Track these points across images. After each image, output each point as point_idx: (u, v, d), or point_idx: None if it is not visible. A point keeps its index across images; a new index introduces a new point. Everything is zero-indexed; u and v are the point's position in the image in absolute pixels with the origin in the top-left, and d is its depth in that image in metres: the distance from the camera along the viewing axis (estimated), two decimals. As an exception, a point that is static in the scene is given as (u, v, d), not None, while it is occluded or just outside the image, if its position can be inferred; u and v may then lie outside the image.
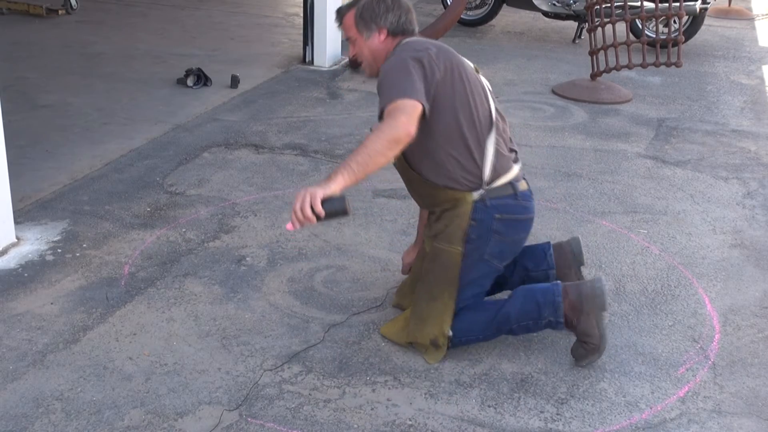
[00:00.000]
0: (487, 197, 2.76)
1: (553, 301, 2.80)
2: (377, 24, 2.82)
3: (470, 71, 2.82)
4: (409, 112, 2.54)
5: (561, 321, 2.80)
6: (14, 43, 7.18)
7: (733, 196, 4.42)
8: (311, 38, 6.81)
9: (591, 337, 2.80)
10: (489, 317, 2.84)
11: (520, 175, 2.88)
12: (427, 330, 2.82)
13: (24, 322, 3.00)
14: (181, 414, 2.54)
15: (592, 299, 2.78)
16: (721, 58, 7.66)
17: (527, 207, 2.86)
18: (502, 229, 2.80)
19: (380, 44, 2.84)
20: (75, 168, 4.46)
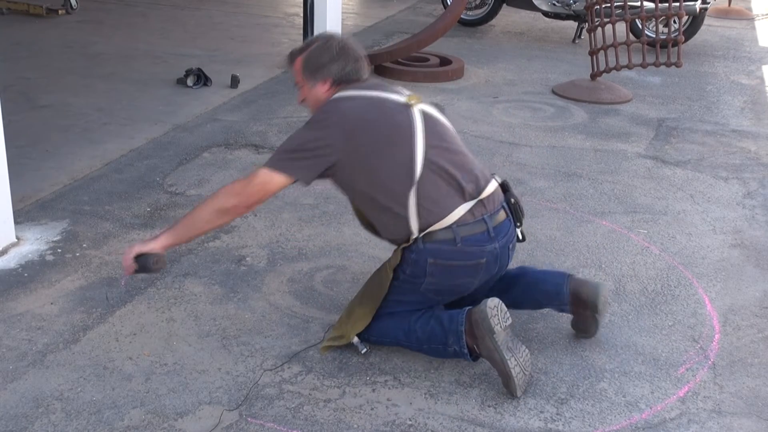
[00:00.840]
0: (420, 240, 2.68)
1: (456, 330, 2.69)
2: (322, 74, 2.80)
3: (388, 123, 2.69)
4: (254, 185, 2.66)
5: (465, 350, 2.69)
6: (14, 43, 7.19)
7: (733, 196, 4.42)
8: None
9: (495, 363, 2.65)
10: (399, 327, 2.80)
11: (473, 216, 2.69)
12: (347, 326, 2.83)
13: (24, 322, 3.00)
14: (181, 414, 2.54)
15: (479, 323, 2.64)
16: (721, 58, 7.66)
17: (470, 253, 2.68)
18: (436, 272, 2.70)
19: (324, 94, 2.81)
20: (75, 168, 4.46)
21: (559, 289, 2.91)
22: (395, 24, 8.79)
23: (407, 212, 2.67)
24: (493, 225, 2.72)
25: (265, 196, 2.71)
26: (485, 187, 2.76)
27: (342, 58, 2.79)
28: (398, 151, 2.67)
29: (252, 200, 2.69)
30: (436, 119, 2.83)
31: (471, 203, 2.70)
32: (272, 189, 2.68)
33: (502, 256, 2.77)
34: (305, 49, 2.85)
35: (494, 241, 2.72)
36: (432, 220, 2.66)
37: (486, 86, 6.40)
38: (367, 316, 2.81)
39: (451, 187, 2.70)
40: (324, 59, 2.79)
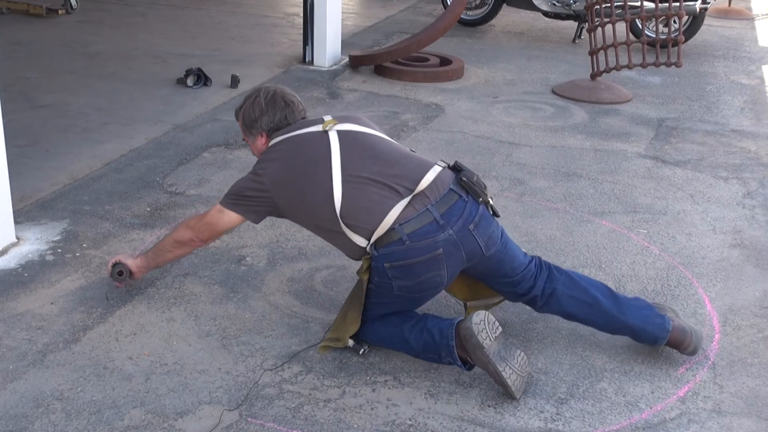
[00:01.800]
0: (373, 248, 2.70)
1: (448, 344, 2.68)
2: (256, 129, 2.99)
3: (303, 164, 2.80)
4: (206, 221, 2.95)
5: (458, 363, 2.68)
6: (14, 43, 7.18)
7: (733, 196, 4.42)
8: (311, 38, 6.81)
9: (490, 373, 2.65)
10: (392, 334, 2.81)
11: (415, 210, 2.67)
12: (342, 329, 2.85)
13: (24, 322, 3.00)
14: (181, 414, 2.54)
15: (467, 339, 2.62)
16: (721, 58, 7.66)
17: (422, 247, 2.65)
18: (398, 274, 2.70)
19: (262, 145, 3.00)
20: (75, 168, 4.46)
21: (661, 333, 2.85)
22: (395, 24, 8.79)
23: (345, 230, 2.74)
24: (441, 212, 2.68)
25: (217, 232, 3.00)
26: (422, 178, 2.74)
27: (270, 109, 2.96)
28: (316, 180, 2.78)
29: (205, 235, 2.98)
30: (355, 133, 2.87)
31: (407, 198, 2.69)
32: (223, 226, 2.96)
33: (464, 239, 2.70)
34: (241, 107, 3.07)
35: (446, 228, 2.67)
36: (371, 227, 2.68)
37: (486, 86, 6.40)
38: (356, 319, 2.82)
39: (382, 191, 2.71)
40: (255, 114, 2.98)
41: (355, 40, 7.86)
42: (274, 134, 2.95)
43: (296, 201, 2.81)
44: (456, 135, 5.23)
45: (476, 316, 2.63)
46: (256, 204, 2.87)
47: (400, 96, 6.04)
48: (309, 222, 2.88)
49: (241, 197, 2.88)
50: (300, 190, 2.79)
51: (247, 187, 2.88)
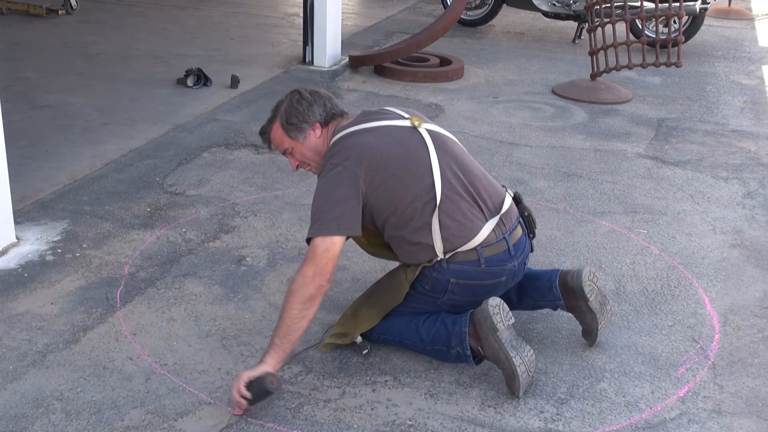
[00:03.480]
0: (444, 261, 2.67)
1: (460, 332, 2.68)
2: (307, 123, 2.79)
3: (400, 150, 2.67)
4: (319, 258, 2.55)
5: (468, 353, 2.67)
6: (14, 43, 7.19)
7: (733, 196, 4.42)
8: (311, 38, 6.81)
9: (500, 362, 2.63)
10: (404, 326, 2.80)
11: (496, 236, 2.69)
12: (352, 324, 2.82)
13: (24, 322, 3.00)
14: (181, 414, 2.54)
15: (482, 323, 2.63)
16: (721, 59, 7.66)
17: (494, 272, 2.70)
18: (457, 291, 2.71)
19: (318, 139, 2.81)
20: (75, 168, 4.46)
21: (551, 282, 2.92)
22: (395, 24, 8.79)
23: (432, 239, 2.65)
24: (513, 243, 2.73)
25: (335, 261, 2.59)
26: (503, 202, 2.76)
27: (317, 99, 2.84)
28: (417, 178, 2.65)
29: (328, 272, 2.58)
30: (444, 137, 2.81)
31: (494, 221, 2.70)
32: (336, 252, 2.59)
33: (518, 272, 2.80)
34: (275, 116, 2.85)
35: (514, 259, 2.74)
36: (458, 243, 2.65)
37: (486, 86, 6.40)
38: (374, 318, 2.80)
39: (472, 207, 2.69)
40: (303, 108, 2.80)
41: (355, 40, 7.86)
42: (333, 126, 2.79)
43: (389, 196, 2.63)
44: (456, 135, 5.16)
45: (492, 300, 2.65)
46: (353, 204, 2.60)
47: (400, 96, 6.03)
48: (392, 221, 2.67)
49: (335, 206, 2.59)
50: (397, 185, 2.63)
51: (335, 188, 2.61)
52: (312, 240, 2.59)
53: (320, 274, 2.55)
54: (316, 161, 2.84)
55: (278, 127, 2.84)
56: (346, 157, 2.63)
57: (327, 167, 2.67)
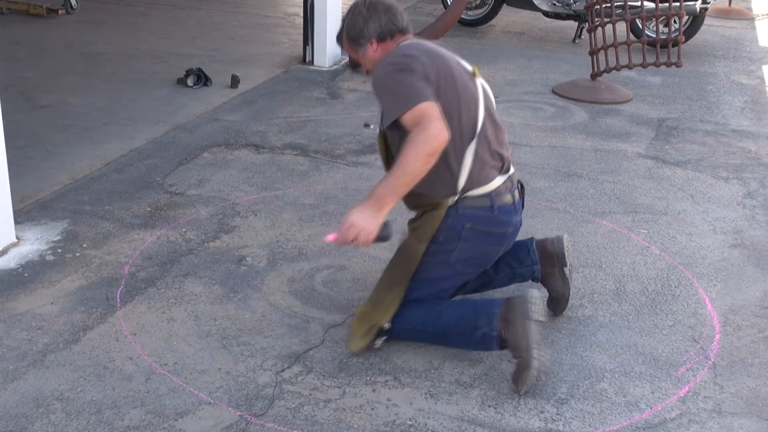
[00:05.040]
0: (460, 204, 2.76)
1: (490, 311, 2.72)
2: (364, 38, 2.87)
3: (461, 77, 2.78)
4: (435, 115, 2.56)
5: (494, 333, 2.70)
6: (14, 43, 7.18)
7: (734, 196, 4.42)
8: (311, 38, 6.81)
9: (519, 351, 2.66)
10: (427, 309, 2.83)
11: (505, 188, 2.82)
12: (375, 315, 2.83)
13: (24, 322, 3.00)
14: (181, 414, 2.54)
15: (517, 307, 2.69)
16: (721, 58, 7.66)
17: (504, 221, 2.81)
18: (471, 237, 2.78)
19: (375, 53, 2.88)
20: (75, 168, 4.46)
21: (528, 248, 3.08)
22: (395, 24, 8.77)
23: (461, 167, 2.74)
24: (517, 200, 2.89)
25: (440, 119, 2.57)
26: (511, 167, 2.92)
27: (373, 14, 2.85)
28: (469, 107, 2.76)
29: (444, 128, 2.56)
30: (490, 96, 2.93)
31: (505, 176, 2.85)
32: (436, 113, 2.57)
33: (518, 229, 2.92)
34: (342, 26, 2.94)
35: (518, 213, 2.89)
36: (476, 183, 2.77)
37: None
38: (397, 299, 2.81)
39: (494, 157, 2.82)
40: (359, 24, 2.86)
41: None
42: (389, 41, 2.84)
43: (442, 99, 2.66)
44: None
45: (534, 291, 2.76)
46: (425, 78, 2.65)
47: (401, 96, 6.02)
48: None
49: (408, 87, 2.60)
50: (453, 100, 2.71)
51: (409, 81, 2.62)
52: (414, 107, 2.56)
53: (442, 129, 2.55)
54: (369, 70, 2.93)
55: (344, 38, 2.95)
56: (416, 56, 2.69)
57: (400, 60, 2.69)
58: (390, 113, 2.62)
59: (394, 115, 2.60)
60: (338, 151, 4.84)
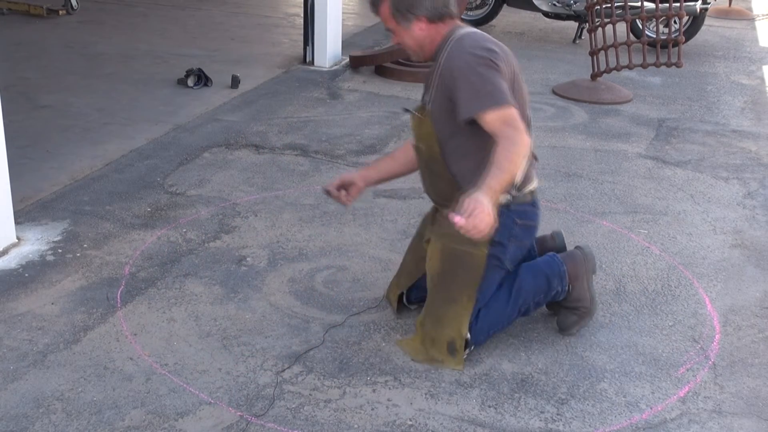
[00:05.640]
0: (512, 203, 2.78)
1: (559, 271, 2.91)
2: (414, 13, 2.72)
3: (520, 79, 2.79)
4: (518, 121, 2.56)
5: (567, 289, 2.92)
6: (15, 43, 7.19)
7: (734, 196, 4.42)
8: (312, 38, 6.82)
9: (583, 301, 2.95)
10: (504, 304, 2.85)
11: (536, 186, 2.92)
12: (445, 331, 2.80)
13: (24, 323, 3.00)
14: (182, 414, 2.55)
15: (584, 263, 2.95)
16: (721, 59, 7.66)
17: (539, 214, 2.93)
18: (519, 234, 2.83)
19: (421, 32, 2.76)
20: (75, 168, 4.47)
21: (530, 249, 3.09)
22: (396, 24, 8.77)
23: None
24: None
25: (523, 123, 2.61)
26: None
27: None
28: (526, 106, 2.79)
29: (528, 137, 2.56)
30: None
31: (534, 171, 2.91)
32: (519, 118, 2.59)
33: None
34: None
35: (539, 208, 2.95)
36: (527, 181, 2.82)
37: (486, 86, 6.39)
38: (465, 309, 2.79)
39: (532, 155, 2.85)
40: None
41: (355, 40, 7.86)
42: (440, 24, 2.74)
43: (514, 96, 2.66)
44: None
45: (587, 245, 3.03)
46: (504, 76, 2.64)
47: (401, 96, 6.04)
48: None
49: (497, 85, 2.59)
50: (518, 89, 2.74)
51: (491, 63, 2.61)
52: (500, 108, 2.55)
53: (528, 137, 2.57)
54: (413, 50, 2.83)
55: (387, 5, 2.77)
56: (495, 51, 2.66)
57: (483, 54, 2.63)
58: (470, 107, 2.58)
59: (476, 110, 2.57)
60: (338, 152, 4.84)
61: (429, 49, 2.81)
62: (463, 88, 2.61)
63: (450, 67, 2.67)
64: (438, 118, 2.78)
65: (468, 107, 2.60)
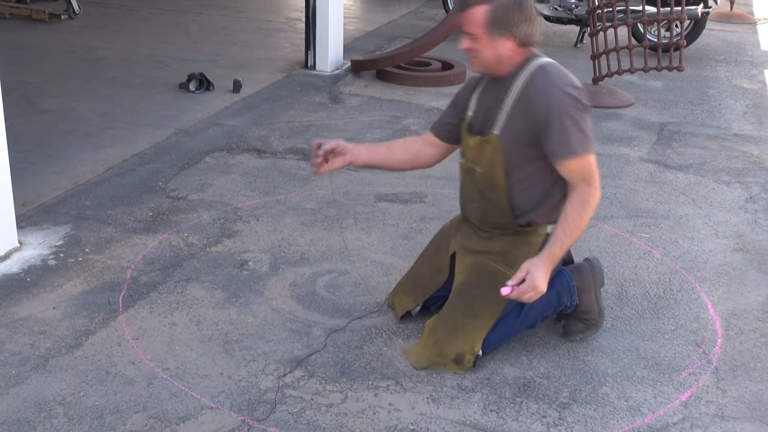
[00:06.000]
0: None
1: (569, 287, 2.92)
2: (509, 32, 2.65)
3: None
4: (597, 174, 2.66)
5: (576, 303, 2.95)
6: (17, 47, 7.20)
7: (736, 200, 4.42)
8: (313, 43, 6.82)
9: (591, 313, 2.99)
10: (514, 320, 2.85)
11: None
12: (457, 343, 2.79)
13: (26, 327, 3.01)
14: (183, 419, 2.54)
15: (592, 276, 2.99)
16: (723, 63, 7.66)
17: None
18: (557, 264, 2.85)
19: (507, 51, 2.69)
20: (77, 172, 4.47)
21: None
22: (397, 28, 8.80)
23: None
24: None
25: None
26: None
27: (529, 18, 2.68)
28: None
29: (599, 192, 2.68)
30: None
31: None
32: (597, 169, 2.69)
33: None
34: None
35: None
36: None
37: (488, 90, 6.40)
38: (485, 326, 2.79)
39: None
40: (515, 17, 2.65)
41: (357, 44, 7.87)
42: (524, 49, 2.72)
43: None
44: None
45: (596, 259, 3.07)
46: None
47: (402, 100, 6.04)
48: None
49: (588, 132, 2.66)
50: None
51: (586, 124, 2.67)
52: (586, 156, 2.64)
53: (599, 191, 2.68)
54: (487, 62, 2.74)
55: (483, 12, 2.66)
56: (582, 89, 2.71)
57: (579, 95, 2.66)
58: (560, 151, 2.62)
59: (565, 155, 2.62)
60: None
61: (504, 68, 2.74)
62: (557, 129, 2.62)
63: (542, 103, 2.64)
64: (510, 145, 2.73)
65: (558, 151, 2.63)
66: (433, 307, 3.03)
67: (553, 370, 2.85)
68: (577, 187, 2.64)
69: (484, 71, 2.81)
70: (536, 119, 2.64)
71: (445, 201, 4.18)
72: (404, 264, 3.45)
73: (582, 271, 3.00)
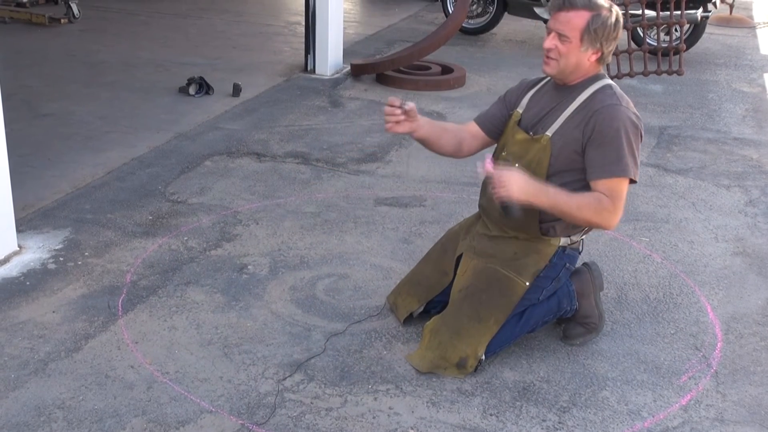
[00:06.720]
0: (568, 247, 2.88)
1: (569, 292, 2.95)
2: (599, 45, 2.70)
3: None
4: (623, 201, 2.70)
5: (575, 307, 2.97)
6: (17, 51, 7.21)
7: (735, 204, 4.42)
8: (313, 46, 6.83)
9: (591, 317, 3.00)
10: (515, 325, 2.86)
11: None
12: (460, 347, 2.79)
13: (26, 331, 3.00)
14: (183, 423, 2.54)
15: (591, 281, 3.01)
16: (722, 66, 7.67)
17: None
18: (563, 276, 2.92)
19: (588, 61, 2.73)
20: (77, 176, 4.47)
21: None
22: (397, 32, 8.80)
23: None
24: None
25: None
26: None
27: (617, 39, 2.74)
28: None
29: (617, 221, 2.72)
30: None
31: None
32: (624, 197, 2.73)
33: None
34: (598, 9, 2.67)
35: None
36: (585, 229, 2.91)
37: (488, 94, 6.41)
38: (490, 331, 2.80)
39: None
40: (609, 33, 2.69)
41: (356, 48, 7.88)
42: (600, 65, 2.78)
43: None
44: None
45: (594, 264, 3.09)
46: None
47: (402, 104, 6.03)
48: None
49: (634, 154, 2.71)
50: None
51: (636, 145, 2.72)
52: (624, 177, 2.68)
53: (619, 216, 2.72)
54: (565, 67, 2.73)
55: (586, 18, 2.66)
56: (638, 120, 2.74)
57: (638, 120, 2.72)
58: (612, 166, 2.67)
59: (613, 172, 2.67)
60: (339, 160, 4.85)
61: (576, 76, 2.77)
62: (614, 147, 2.68)
63: (608, 118, 2.68)
64: (559, 149, 2.76)
65: (607, 167, 2.68)
66: (433, 311, 3.03)
67: (553, 374, 2.85)
68: (601, 196, 2.67)
69: (556, 74, 2.78)
70: (594, 132, 2.69)
71: (444, 205, 4.17)
72: (404, 268, 3.45)
73: (581, 275, 3.03)
